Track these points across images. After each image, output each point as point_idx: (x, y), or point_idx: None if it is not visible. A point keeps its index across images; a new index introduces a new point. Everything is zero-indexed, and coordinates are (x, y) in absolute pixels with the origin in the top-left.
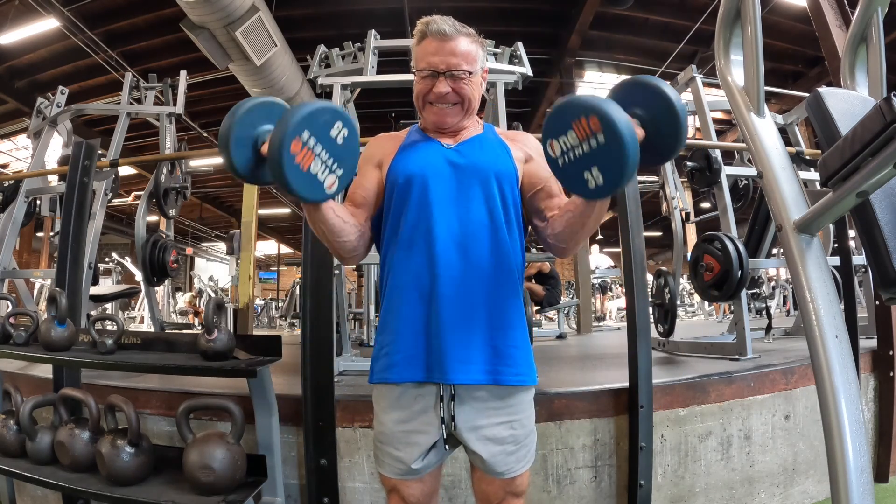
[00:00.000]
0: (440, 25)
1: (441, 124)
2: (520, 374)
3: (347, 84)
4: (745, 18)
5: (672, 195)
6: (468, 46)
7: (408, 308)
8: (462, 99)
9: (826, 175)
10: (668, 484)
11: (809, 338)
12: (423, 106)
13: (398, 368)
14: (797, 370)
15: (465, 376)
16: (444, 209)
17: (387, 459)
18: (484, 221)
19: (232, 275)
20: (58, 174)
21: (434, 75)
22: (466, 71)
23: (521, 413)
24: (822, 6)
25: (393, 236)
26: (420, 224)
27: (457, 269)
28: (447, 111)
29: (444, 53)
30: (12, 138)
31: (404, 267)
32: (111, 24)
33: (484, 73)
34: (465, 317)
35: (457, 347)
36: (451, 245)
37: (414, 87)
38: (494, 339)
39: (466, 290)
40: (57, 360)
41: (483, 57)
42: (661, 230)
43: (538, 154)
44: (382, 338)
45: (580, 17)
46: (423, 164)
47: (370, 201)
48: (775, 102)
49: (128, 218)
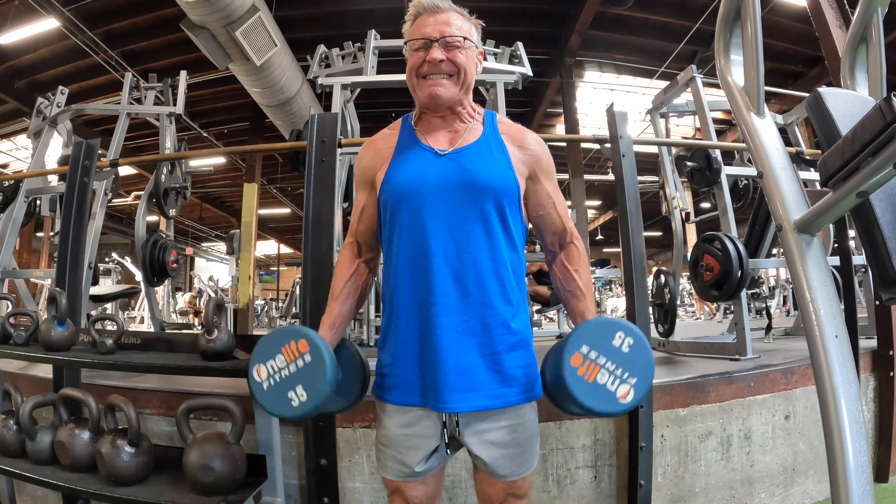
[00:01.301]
0: (432, 1)
1: (435, 98)
2: (525, 391)
3: (347, 84)
4: (745, 18)
5: (672, 195)
6: (462, 22)
7: (405, 333)
8: (458, 68)
9: (826, 175)
10: (668, 484)
11: (809, 338)
12: (417, 82)
13: (397, 391)
14: (797, 370)
15: (467, 404)
16: (439, 233)
17: (389, 462)
18: (482, 243)
19: (232, 275)
20: (58, 174)
21: (427, 44)
22: (461, 37)
23: (523, 417)
24: (822, 6)
25: (389, 258)
26: (414, 250)
27: (454, 297)
28: (441, 83)
29: (438, 23)
30: (12, 138)
31: (402, 291)
32: (111, 24)
33: (479, 54)
34: (465, 345)
35: (456, 376)
36: (447, 272)
37: (407, 67)
38: (499, 363)
39: (465, 318)
40: (57, 360)
41: (477, 37)
42: (661, 230)
43: (543, 170)
44: (382, 356)
45: (580, 17)
46: (416, 183)
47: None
48: (775, 102)
49: (128, 218)
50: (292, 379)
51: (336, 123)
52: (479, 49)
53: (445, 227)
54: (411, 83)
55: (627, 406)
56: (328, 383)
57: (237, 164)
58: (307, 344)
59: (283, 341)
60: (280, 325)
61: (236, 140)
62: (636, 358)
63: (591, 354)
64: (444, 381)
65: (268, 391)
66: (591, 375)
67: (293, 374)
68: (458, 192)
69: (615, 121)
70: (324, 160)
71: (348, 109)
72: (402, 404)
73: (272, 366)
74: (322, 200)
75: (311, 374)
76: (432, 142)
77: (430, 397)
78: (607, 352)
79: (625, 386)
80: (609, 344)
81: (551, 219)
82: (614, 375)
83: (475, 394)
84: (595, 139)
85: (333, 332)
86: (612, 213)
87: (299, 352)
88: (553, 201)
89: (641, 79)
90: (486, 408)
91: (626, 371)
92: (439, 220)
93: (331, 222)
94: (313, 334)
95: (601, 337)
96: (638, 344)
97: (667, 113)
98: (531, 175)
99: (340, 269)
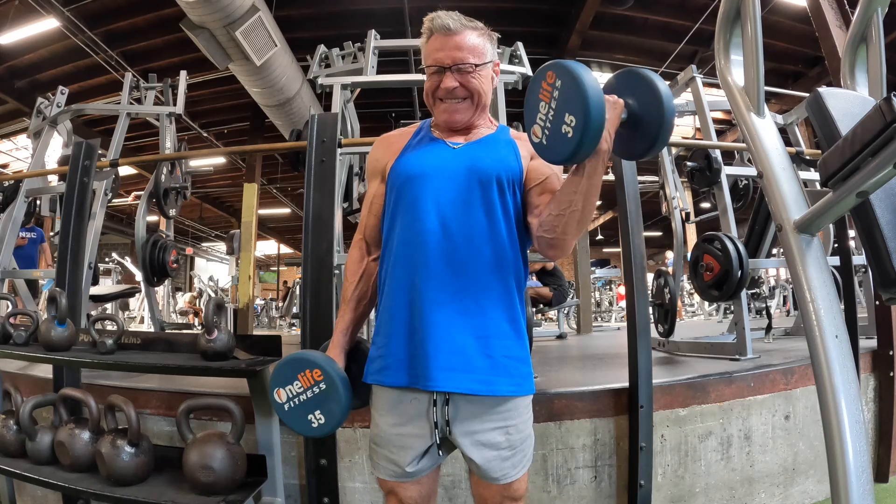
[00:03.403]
0: (444, 21)
1: (452, 122)
2: (515, 384)
3: (347, 84)
4: (745, 18)
5: (672, 195)
6: (475, 40)
7: (398, 312)
8: (471, 93)
9: (826, 175)
10: (668, 484)
11: (809, 338)
12: (434, 104)
13: (388, 372)
14: (797, 370)
15: (455, 384)
16: (440, 213)
17: (381, 462)
18: (482, 227)
19: (232, 275)
20: (58, 174)
21: (441, 71)
22: (472, 64)
23: (516, 418)
24: (822, 6)
25: (389, 237)
26: (413, 228)
27: (447, 276)
28: (457, 107)
29: (449, 48)
30: (12, 138)
31: (397, 270)
32: (111, 24)
33: (495, 67)
34: (456, 325)
35: (444, 355)
36: (444, 248)
37: (425, 85)
38: (490, 348)
39: (459, 298)
40: (57, 360)
41: (492, 50)
42: (661, 230)
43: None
44: (377, 339)
45: (580, 17)
46: (423, 166)
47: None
48: (775, 102)
49: (128, 218)
50: (310, 404)
51: (336, 123)
52: (494, 62)
53: (445, 207)
54: (429, 103)
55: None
56: (343, 410)
57: (237, 164)
58: (321, 373)
59: (299, 369)
60: (282, 325)
61: (236, 140)
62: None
63: None
64: (436, 358)
65: (289, 412)
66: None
67: (310, 399)
68: (463, 175)
69: None
70: (324, 160)
71: (348, 109)
72: (392, 385)
73: (290, 390)
74: (322, 200)
75: (328, 400)
76: (446, 138)
77: (418, 374)
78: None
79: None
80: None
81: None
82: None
83: (465, 375)
84: None
85: (347, 337)
86: (612, 213)
87: (314, 380)
88: (554, 171)
89: None
90: (473, 391)
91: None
92: (440, 199)
93: (331, 222)
94: (326, 364)
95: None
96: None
97: None
98: (532, 155)
99: (350, 270)
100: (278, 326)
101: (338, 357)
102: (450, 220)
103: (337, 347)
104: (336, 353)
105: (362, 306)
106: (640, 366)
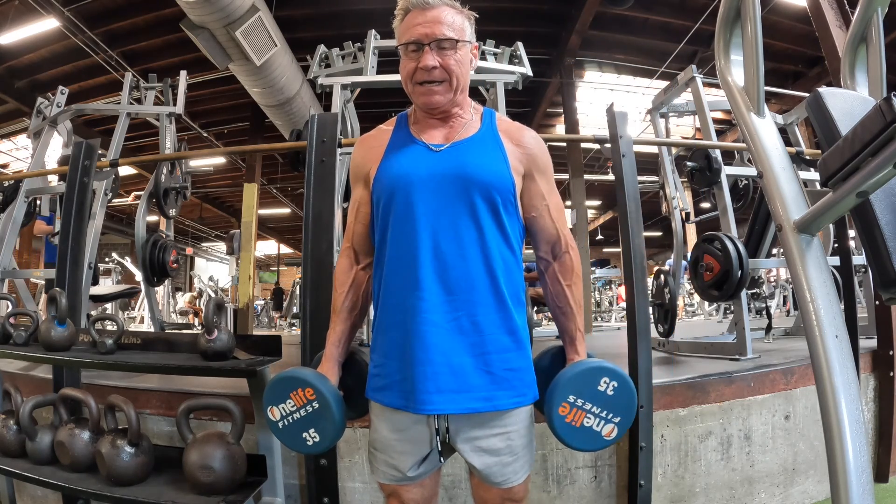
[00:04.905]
0: None
1: (430, 103)
2: (519, 394)
3: (347, 84)
4: (745, 18)
5: (672, 195)
6: (454, 16)
7: (392, 331)
8: (449, 75)
9: (826, 175)
10: (668, 484)
11: (809, 338)
12: (412, 88)
13: (387, 392)
14: (797, 370)
15: (454, 406)
16: (428, 227)
17: (381, 466)
18: (473, 240)
19: (232, 275)
20: (58, 174)
21: (419, 47)
22: (453, 39)
23: (518, 424)
24: (822, 6)
25: (381, 251)
26: (403, 244)
27: (441, 294)
28: (435, 90)
29: (428, 21)
30: (12, 138)
31: (390, 288)
32: (111, 24)
33: (474, 50)
34: (452, 345)
35: (440, 377)
36: (435, 267)
37: (401, 71)
38: (490, 364)
39: (453, 318)
40: (57, 360)
41: (470, 31)
42: (661, 230)
43: (538, 169)
44: (374, 356)
45: (580, 17)
46: (406, 177)
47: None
48: (775, 102)
49: (128, 218)
50: (304, 422)
51: (336, 123)
52: (472, 44)
53: (436, 221)
54: (408, 89)
55: (611, 441)
56: (338, 429)
57: (237, 164)
58: (313, 392)
59: (291, 388)
60: (280, 327)
61: (236, 140)
62: (620, 399)
63: (578, 402)
64: (433, 380)
65: (283, 430)
66: (578, 421)
67: (304, 417)
68: (450, 185)
69: (615, 121)
70: (324, 160)
71: (348, 109)
72: (389, 405)
73: (283, 409)
74: (322, 200)
75: (322, 418)
76: (427, 138)
77: (414, 398)
78: (593, 398)
79: (609, 425)
80: (595, 390)
81: (545, 223)
82: (600, 417)
83: (463, 395)
84: (595, 139)
85: (340, 349)
86: (612, 213)
87: (307, 398)
88: (547, 203)
89: (641, 79)
90: (474, 410)
91: (610, 412)
92: (430, 213)
93: (331, 222)
94: (318, 383)
95: (587, 384)
96: (622, 386)
97: (667, 113)
98: (526, 172)
99: (339, 280)
100: (278, 326)
101: (331, 371)
102: (441, 236)
103: (330, 360)
104: (329, 366)
105: (353, 316)
106: (641, 366)
